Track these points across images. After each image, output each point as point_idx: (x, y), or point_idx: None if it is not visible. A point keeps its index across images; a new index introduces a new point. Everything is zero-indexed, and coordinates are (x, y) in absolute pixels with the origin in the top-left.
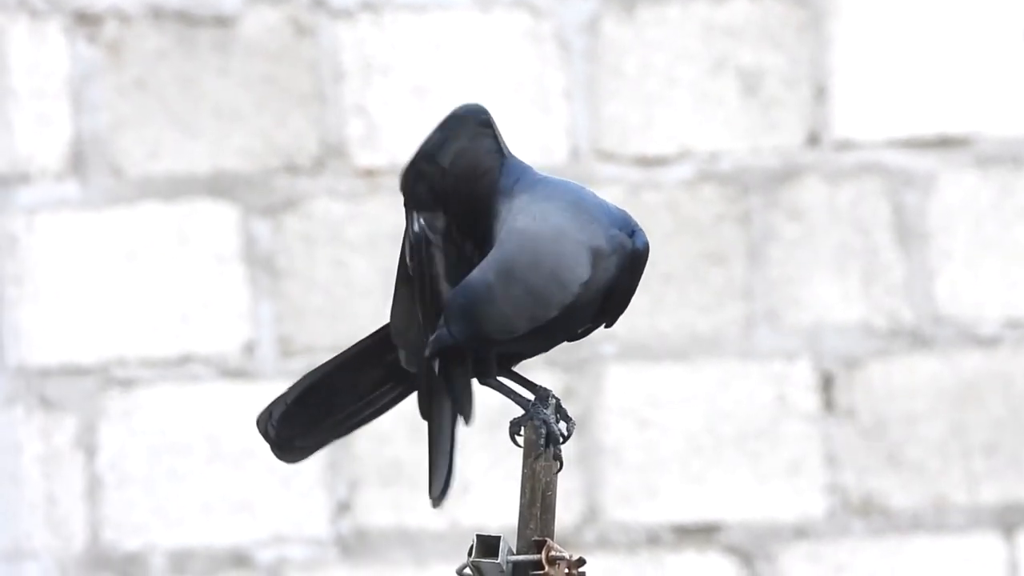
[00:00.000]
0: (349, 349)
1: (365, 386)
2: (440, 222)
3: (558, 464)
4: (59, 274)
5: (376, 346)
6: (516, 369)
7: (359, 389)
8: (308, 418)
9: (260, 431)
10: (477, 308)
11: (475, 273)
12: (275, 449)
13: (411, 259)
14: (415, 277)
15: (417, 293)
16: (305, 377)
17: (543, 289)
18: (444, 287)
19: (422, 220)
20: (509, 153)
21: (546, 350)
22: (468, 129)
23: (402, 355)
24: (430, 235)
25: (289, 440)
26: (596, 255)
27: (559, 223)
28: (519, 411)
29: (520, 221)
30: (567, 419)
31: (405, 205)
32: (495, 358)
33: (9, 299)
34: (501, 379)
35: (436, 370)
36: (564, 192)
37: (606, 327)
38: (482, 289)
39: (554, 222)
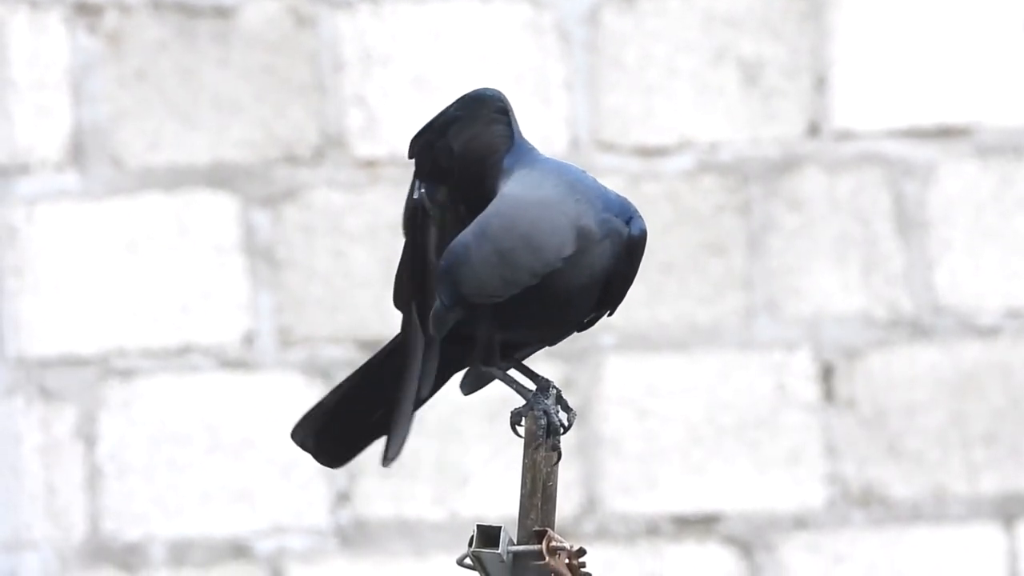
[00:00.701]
0: (377, 353)
1: (395, 386)
2: (441, 195)
3: (556, 455)
4: (59, 265)
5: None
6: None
7: (389, 390)
8: (345, 426)
9: (297, 443)
10: (455, 268)
11: (458, 236)
12: (318, 458)
13: (405, 226)
14: (407, 243)
15: (407, 259)
16: (338, 387)
17: (513, 252)
18: (432, 258)
19: (423, 189)
20: (520, 138)
21: (552, 340)
22: (484, 113)
23: (402, 321)
24: (428, 205)
25: (329, 449)
26: (583, 234)
27: (545, 195)
28: (520, 402)
29: (508, 188)
30: (567, 409)
31: (415, 174)
32: (498, 345)
33: (9, 290)
34: (505, 368)
35: (436, 344)
36: (561, 171)
37: (608, 316)
38: (460, 249)
39: (540, 193)
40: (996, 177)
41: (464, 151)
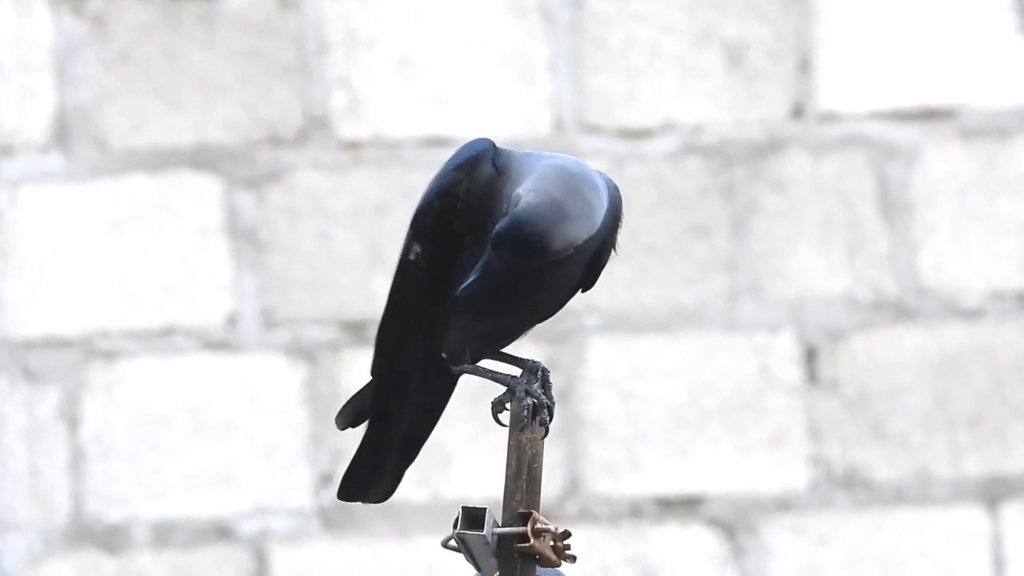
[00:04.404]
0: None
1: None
2: (434, 250)
3: (543, 431)
4: (43, 246)
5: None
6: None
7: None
8: (376, 467)
9: (351, 500)
10: (542, 225)
11: (528, 198)
12: (373, 500)
13: (396, 285)
14: (393, 297)
15: (393, 313)
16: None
17: (573, 214)
18: (420, 309)
19: (418, 249)
20: (512, 161)
21: (524, 329)
22: (485, 169)
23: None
24: (422, 263)
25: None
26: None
27: (584, 169)
28: (500, 390)
29: (551, 161)
30: (551, 399)
31: (409, 234)
32: (469, 348)
33: None
34: (480, 364)
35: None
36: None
37: (583, 291)
38: (531, 206)
39: (579, 169)
40: (980, 159)
41: (468, 210)
